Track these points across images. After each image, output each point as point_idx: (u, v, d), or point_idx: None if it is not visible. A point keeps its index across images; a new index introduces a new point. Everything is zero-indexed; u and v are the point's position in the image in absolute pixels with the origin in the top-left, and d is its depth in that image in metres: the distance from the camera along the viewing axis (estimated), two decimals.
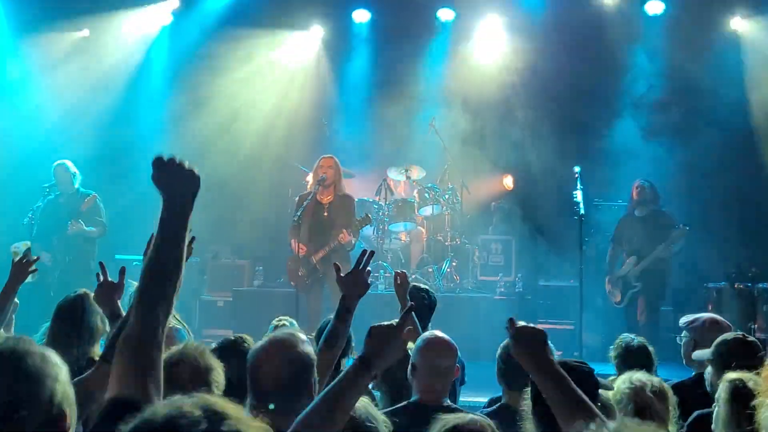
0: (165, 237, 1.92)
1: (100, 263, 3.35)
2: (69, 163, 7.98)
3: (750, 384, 2.79)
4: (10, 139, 9.35)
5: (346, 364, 3.46)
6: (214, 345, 3.18)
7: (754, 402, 2.70)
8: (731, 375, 2.92)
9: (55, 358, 1.73)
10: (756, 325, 7.51)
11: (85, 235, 7.91)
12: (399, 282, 4.14)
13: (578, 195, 7.17)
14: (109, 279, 3.28)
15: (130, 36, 10.29)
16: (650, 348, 3.94)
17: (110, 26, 10.12)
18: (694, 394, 3.59)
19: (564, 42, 9.83)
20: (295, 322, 4.51)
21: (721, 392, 2.88)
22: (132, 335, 1.85)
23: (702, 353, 3.61)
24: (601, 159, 9.26)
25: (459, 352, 4.37)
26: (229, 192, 9.89)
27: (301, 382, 2.36)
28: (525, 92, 10.07)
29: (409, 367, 3.17)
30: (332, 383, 2.10)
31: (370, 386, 3.26)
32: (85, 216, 7.89)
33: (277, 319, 4.38)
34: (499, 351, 3.48)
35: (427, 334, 3.31)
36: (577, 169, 7.44)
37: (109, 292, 3.26)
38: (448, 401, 3.15)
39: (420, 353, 3.13)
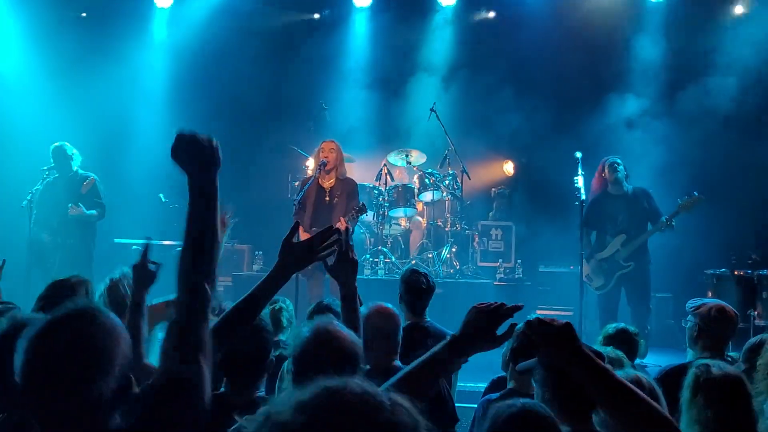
0: (194, 213, 1.88)
1: (148, 238, 3.17)
2: (68, 145, 7.91)
3: (714, 370, 2.68)
4: (8, 121, 9.30)
5: None
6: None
7: (755, 391, 2.69)
8: (697, 362, 2.84)
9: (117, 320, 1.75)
10: (756, 312, 7.52)
11: (86, 219, 7.87)
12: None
13: (579, 181, 7.13)
14: (150, 268, 3.10)
15: (128, 17, 10.22)
16: (634, 337, 3.85)
17: (108, 7, 10.06)
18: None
19: (566, 27, 9.80)
20: (288, 301, 4.44)
21: (687, 381, 2.74)
22: (182, 311, 1.82)
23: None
24: (602, 145, 9.22)
25: None
26: (227, 176, 9.83)
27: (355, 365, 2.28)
28: (527, 78, 10.03)
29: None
30: (419, 361, 1.95)
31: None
32: (84, 198, 7.81)
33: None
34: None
35: (370, 305, 3.41)
36: (578, 154, 7.39)
37: (146, 280, 3.11)
38: (400, 363, 3.29)
39: (366, 321, 3.14)
